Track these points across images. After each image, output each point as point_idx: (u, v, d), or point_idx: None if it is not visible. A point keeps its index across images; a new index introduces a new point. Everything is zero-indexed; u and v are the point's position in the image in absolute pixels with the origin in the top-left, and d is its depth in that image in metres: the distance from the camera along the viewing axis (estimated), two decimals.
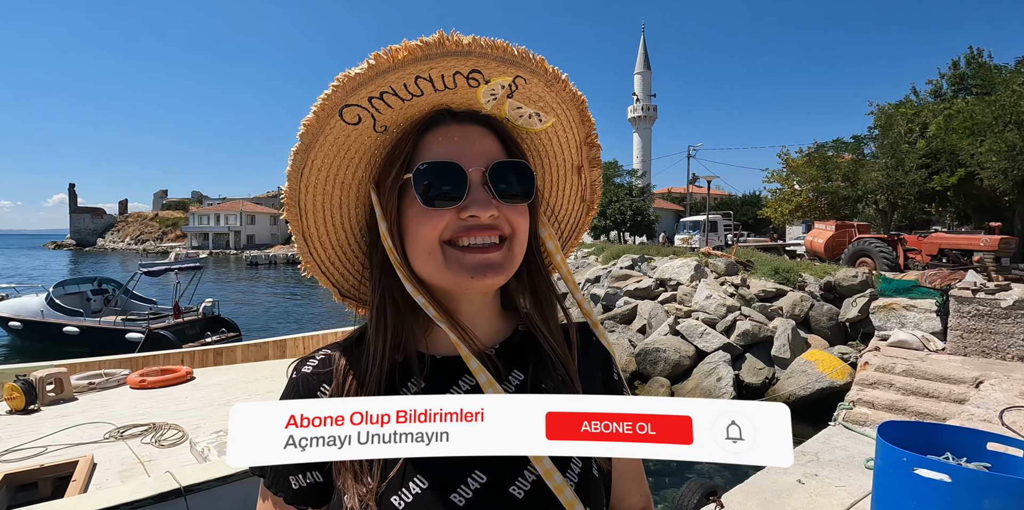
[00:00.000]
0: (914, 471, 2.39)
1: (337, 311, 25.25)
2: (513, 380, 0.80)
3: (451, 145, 0.75)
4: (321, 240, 0.85)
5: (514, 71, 0.74)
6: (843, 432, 5.69)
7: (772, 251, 21.45)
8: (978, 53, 25.47)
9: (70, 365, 6.70)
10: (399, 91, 0.72)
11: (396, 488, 0.70)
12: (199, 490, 3.43)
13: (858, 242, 17.62)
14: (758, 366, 10.16)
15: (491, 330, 0.86)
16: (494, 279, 0.75)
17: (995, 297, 7.08)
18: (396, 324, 0.79)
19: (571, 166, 0.90)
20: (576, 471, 0.74)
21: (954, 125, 20.33)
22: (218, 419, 5.31)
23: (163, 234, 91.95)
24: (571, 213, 0.97)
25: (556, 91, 0.79)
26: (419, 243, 0.75)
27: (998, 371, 6.42)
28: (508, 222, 0.76)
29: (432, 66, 0.70)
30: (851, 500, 4.14)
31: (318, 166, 0.77)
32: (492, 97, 0.77)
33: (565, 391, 0.79)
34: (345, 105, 0.72)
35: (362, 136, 0.76)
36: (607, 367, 0.90)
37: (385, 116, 0.75)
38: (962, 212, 25.06)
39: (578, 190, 0.94)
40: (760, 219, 38.55)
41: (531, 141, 0.86)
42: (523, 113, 0.81)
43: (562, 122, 0.84)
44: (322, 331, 8.78)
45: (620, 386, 0.91)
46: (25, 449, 4.49)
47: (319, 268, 0.87)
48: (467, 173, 0.73)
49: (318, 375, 0.81)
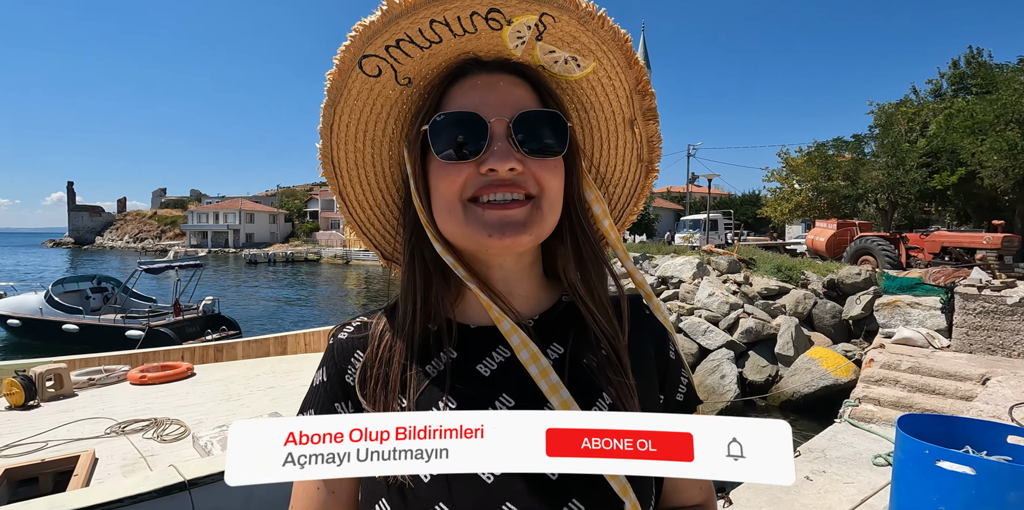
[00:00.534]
0: (936, 464, 2.37)
1: (337, 309, 25.24)
2: (552, 354, 0.75)
3: (474, 95, 0.70)
4: (358, 199, 0.83)
5: (538, 8, 0.67)
6: (849, 429, 5.68)
7: (773, 250, 21.45)
8: (978, 53, 25.50)
9: (69, 361, 6.64)
10: (415, 38, 0.68)
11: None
12: (203, 484, 3.39)
13: (860, 240, 17.60)
14: (761, 364, 10.14)
15: (529, 300, 0.80)
16: (514, 239, 0.69)
17: (1001, 294, 7.09)
18: (426, 288, 0.75)
19: (622, 120, 0.81)
20: None
21: (955, 124, 20.35)
22: (220, 414, 5.26)
23: (162, 232, 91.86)
24: (627, 175, 0.87)
25: (592, 30, 0.70)
26: (439, 200, 0.71)
27: (1004, 368, 6.41)
28: (535, 178, 0.69)
29: (446, 7, 0.65)
30: (860, 496, 4.12)
31: (346, 122, 0.75)
32: (520, 41, 0.70)
33: (609, 368, 0.73)
34: (364, 56, 0.69)
35: (386, 89, 0.73)
36: (662, 344, 0.83)
37: (406, 67, 0.71)
38: (962, 211, 25.06)
39: (633, 148, 0.84)
40: (760, 218, 38.51)
41: (572, 91, 0.79)
42: (557, 58, 0.73)
43: (605, 67, 0.75)
44: (325, 327, 8.74)
45: (677, 365, 0.83)
46: (25, 444, 4.45)
47: (359, 228, 0.85)
48: (489, 124, 0.68)
49: (352, 341, 0.80)
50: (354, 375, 0.76)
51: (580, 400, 0.69)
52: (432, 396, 0.71)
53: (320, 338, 8.34)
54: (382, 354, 0.74)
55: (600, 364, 0.73)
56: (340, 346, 0.80)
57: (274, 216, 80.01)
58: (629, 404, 0.71)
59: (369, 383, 0.73)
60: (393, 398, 0.71)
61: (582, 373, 0.72)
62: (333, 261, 53.93)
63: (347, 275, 41.28)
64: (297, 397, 5.82)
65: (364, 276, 39.97)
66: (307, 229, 75.63)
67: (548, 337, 0.75)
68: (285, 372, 6.94)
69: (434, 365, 0.73)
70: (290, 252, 57.27)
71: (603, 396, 0.71)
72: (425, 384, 0.72)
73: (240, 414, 5.22)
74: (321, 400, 0.77)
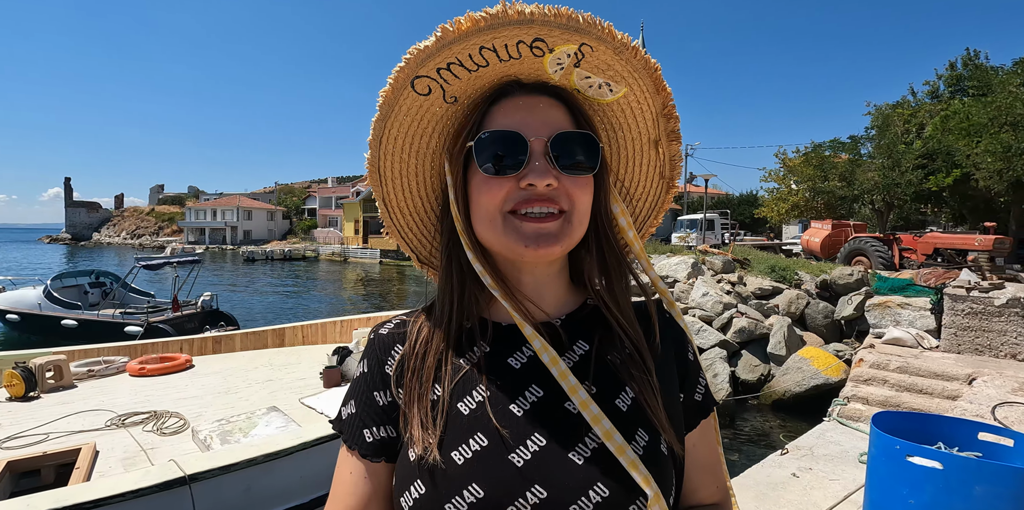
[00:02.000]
0: (907, 459, 2.43)
1: (334, 305, 25.25)
2: (577, 350, 0.80)
3: (516, 115, 0.76)
4: (400, 206, 0.90)
5: (579, 38, 0.73)
6: (837, 427, 5.74)
7: (769, 250, 21.54)
8: (975, 55, 25.56)
9: (69, 352, 6.72)
10: (465, 61, 0.74)
11: (457, 443, 0.72)
12: (203, 478, 3.45)
13: (854, 241, 17.71)
14: (754, 363, 10.22)
15: (558, 301, 0.86)
16: (548, 250, 0.74)
17: (989, 295, 7.16)
18: (461, 290, 0.81)
19: (647, 140, 0.88)
20: (641, 444, 0.73)
21: (950, 126, 20.34)
22: (219, 407, 5.33)
23: (159, 229, 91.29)
24: (649, 191, 0.94)
25: (626, 59, 0.76)
26: (481, 211, 0.77)
27: (991, 368, 6.49)
28: (567, 195, 0.75)
29: (495, 36, 0.71)
30: (844, 493, 4.18)
31: (394, 135, 0.81)
32: (559, 67, 0.76)
33: (632, 366, 0.78)
34: (416, 76, 0.75)
35: (433, 106, 0.79)
36: (681, 347, 0.88)
37: (454, 87, 0.77)
38: (957, 213, 25.12)
39: (656, 166, 0.91)
40: (757, 218, 38.56)
41: (603, 113, 0.85)
42: (592, 83, 0.80)
43: (635, 92, 0.81)
44: (320, 320, 8.79)
45: (696, 367, 0.89)
46: (27, 436, 4.52)
47: (399, 233, 0.92)
48: (529, 142, 0.73)
49: (393, 336, 0.86)
50: (392, 366, 0.83)
51: (604, 394, 0.75)
52: (467, 385, 0.77)
53: (317, 331, 8.39)
54: (419, 349, 0.81)
55: (623, 361, 0.79)
56: (381, 340, 0.86)
57: (272, 213, 79.51)
58: (651, 399, 0.76)
59: (406, 374, 0.80)
60: (428, 388, 0.77)
61: (606, 369, 0.78)
62: (331, 258, 53.82)
63: (345, 273, 41.24)
64: (295, 390, 5.91)
65: (362, 274, 39.95)
66: (305, 226, 75.23)
67: (574, 335, 0.82)
68: (283, 364, 7.01)
69: (468, 358, 0.79)
70: (288, 249, 56.95)
71: (626, 390, 0.77)
72: (461, 375, 0.78)
73: (238, 407, 5.30)
74: (362, 389, 0.84)
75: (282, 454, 3.84)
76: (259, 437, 4.28)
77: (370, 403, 0.81)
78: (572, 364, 0.78)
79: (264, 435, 4.34)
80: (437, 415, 0.75)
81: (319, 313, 22.76)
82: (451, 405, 0.76)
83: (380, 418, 0.80)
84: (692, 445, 0.85)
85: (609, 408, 0.74)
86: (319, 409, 5.22)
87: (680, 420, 0.82)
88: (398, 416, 0.79)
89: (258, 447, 3.86)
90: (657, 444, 0.74)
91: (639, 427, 0.74)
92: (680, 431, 0.80)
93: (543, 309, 0.83)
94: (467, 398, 0.76)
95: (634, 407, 0.75)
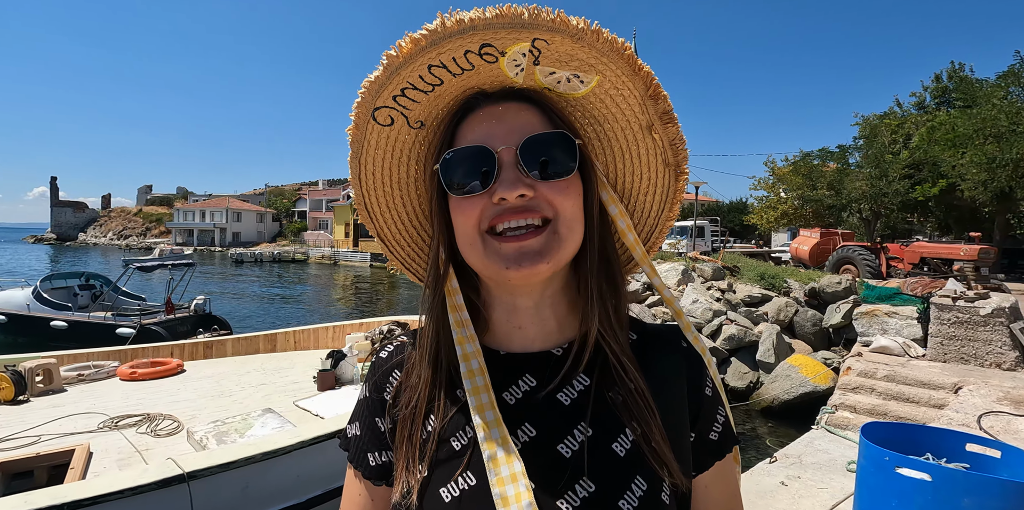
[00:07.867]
0: (896, 470, 2.44)
1: (326, 309, 25.13)
2: (577, 385, 0.74)
3: (481, 127, 0.71)
4: (396, 239, 0.87)
5: (528, 34, 0.66)
6: (825, 435, 5.78)
7: (758, 257, 21.68)
8: (960, 67, 25.98)
9: (59, 356, 6.65)
10: (417, 84, 0.70)
11: (445, 480, 0.69)
12: (202, 476, 3.44)
13: (842, 250, 17.91)
14: (743, 370, 10.30)
15: (560, 325, 0.79)
16: (532, 269, 0.68)
17: (974, 305, 7.24)
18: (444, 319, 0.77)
19: (639, 127, 0.78)
20: (637, 495, 0.67)
21: (936, 137, 20.67)
22: (213, 410, 5.30)
23: (147, 230, 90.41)
24: (655, 181, 0.83)
25: (588, 45, 0.68)
26: (461, 235, 0.73)
27: (976, 377, 6.57)
28: (548, 202, 0.69)
29: (440, 51, 0.66)
30: (833, 501, 4.21)
31: (371, 170, 0.79)
32: (518, 68, 0.71)
33: (634, 404, 0.71)
34: (375, 108, 0.72)
35: (401, 134, 0.76)
36: (697, 379, 0.79)
37: (415, 111, 0.73)
38: (943, 222, 25.48)
39: (656, 153, 0.80)
40: (746, 226, 38.84)
41: (583, 107, 0.78)
42: (559, 78, 0.73)
43: (610, 78, 0.73)
44: (313, 325, 8.77)
45: (714, 402, 0.80)
46: (18, 438, 4.47)
47: (402, 265, 0.90)
48: (496, 154, 0.69)
49: (392, 361, 0.84)
50: (390, 393, 0.80)
51: (602, 437, 0.70)
52: (456, 426, 0.73)
53: (309, 336, 8.35)
54: (413, 380, 0.77)
55: (625, 400, 0.71)
56: (381, 365, 0.84)
57: (261, 215, 79.02)
58: (653, 441, 0.69)
59: (401, 409, 0.77)
60: (419, 426, 0.74)
61: (606, 408, 0.72)
62: (321, 261, 53.55)
63: (335, 276, 41.06)
64: (289, 393, 5.90)
65: (353, 277, 39.80)
66: (295, 229, 74.79)
67: (575, 366, 0.74)
68: (275, 369, 6.97)
69: (460, 394, 0.73)
70: (277, 252, 56.67)
71: (625, 432, 0.70)
72: (452, 413, 0.73)
73: (233, 410, 5.27)
74: (365, 414, 0.82)
75: (280, 453, 3.83)
76: (256, 437, 4.27)
77: (372, 428, 0.80)
78: (570, 401, 0.73)
79: (261, 435, 4.33)
80: (425, 454, 0.72)
81: (312, 314, 22.64)
82: (443, 440, 0.72)
83: (382, 444, 0.79)
84: (704, 487, 0.77)
85: (604, 454, 0.69)
86: (314, 411, 5.21)
87: (688, 463, 0.75)
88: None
89: (257, 446, 3.85)
90: (658, 493, 0.68)
91: (636, 475, 0.68)
92: (688, 473, 0.74)
93: (544, 335, 0.78)
94: (459, 433, 0.72)
95: (633, 452, 0.69)
